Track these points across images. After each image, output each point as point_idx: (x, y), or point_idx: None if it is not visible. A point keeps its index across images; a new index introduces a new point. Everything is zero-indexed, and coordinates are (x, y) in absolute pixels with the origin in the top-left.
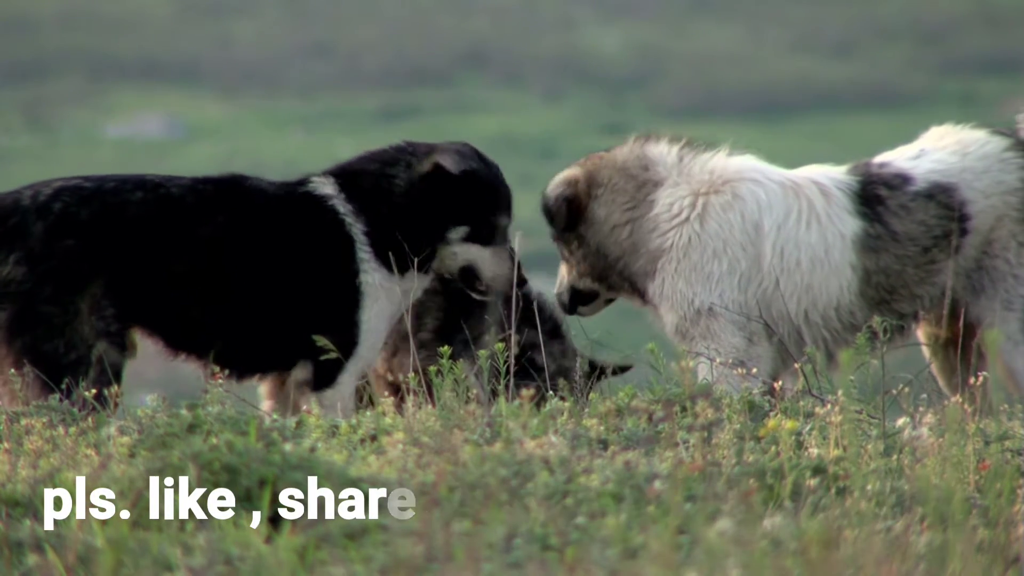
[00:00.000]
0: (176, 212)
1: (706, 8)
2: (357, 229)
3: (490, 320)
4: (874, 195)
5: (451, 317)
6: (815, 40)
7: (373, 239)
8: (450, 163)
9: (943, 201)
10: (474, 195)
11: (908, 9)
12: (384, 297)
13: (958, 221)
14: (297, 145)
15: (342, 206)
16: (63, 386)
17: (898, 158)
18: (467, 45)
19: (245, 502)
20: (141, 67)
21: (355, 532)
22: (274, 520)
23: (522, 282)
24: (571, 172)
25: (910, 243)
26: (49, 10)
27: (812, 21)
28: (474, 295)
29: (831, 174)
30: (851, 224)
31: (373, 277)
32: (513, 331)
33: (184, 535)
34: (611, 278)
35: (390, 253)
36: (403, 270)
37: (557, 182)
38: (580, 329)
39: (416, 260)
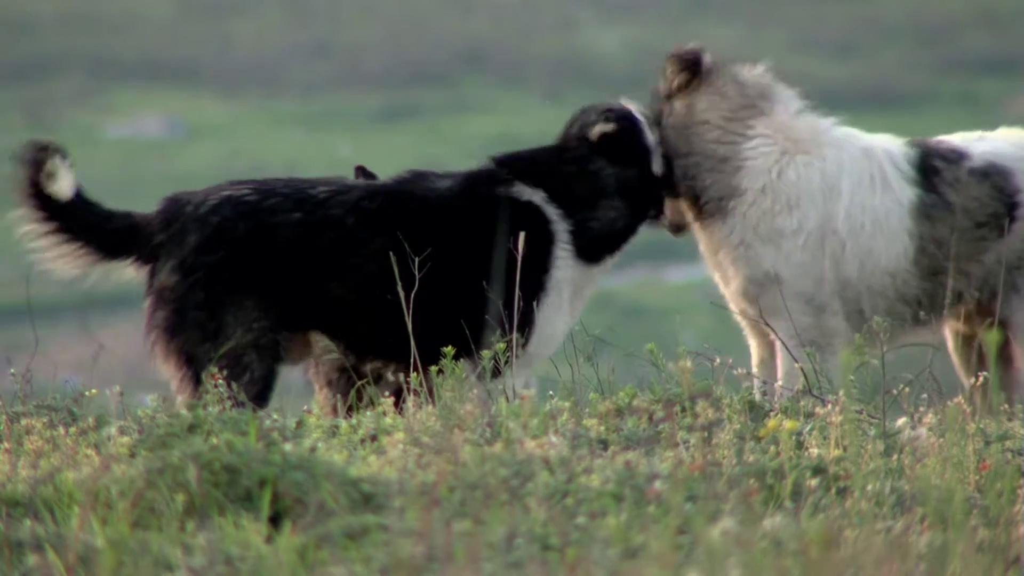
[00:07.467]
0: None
1: (706, 8)
2: (561, 228)
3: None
4: (931, 166)
5: None
6: (815, 40)
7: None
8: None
9: (997, 182)
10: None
11: (908, 9)
12: (569, 290)
13: (1010, 207)
14: (297, 145)
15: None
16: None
17: (956, 139)
18: (467, 45)
19: (245, 502)
20: (141, 67)
21: (355, 532)
22: (274, 520)
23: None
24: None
25: (963, 215)
26: (49, 10)
27: (812, 21)
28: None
29: (894, 144)
30: (909, 192)
31: (565, 273)
32: (514, 332)
33: (184, 535)
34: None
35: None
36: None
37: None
38: (581, 327)
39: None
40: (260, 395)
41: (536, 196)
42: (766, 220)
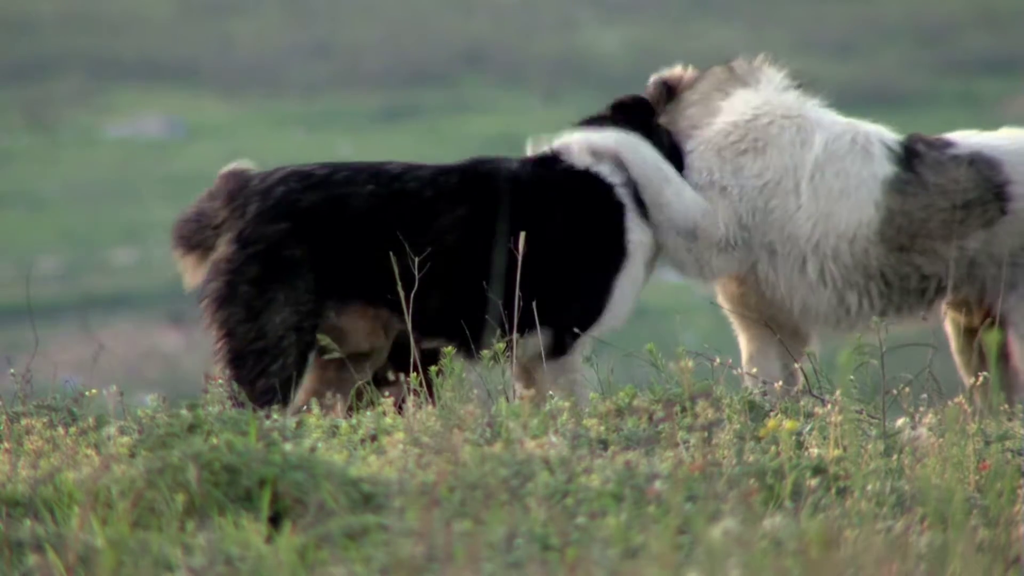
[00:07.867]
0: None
1: (706, 8)
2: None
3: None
4: (913, 149)
5: None
6: (815, 40)
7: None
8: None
9: (983, 170)
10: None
11: (908, 9)
12: (642, 259)
13: (997, 195)
14: (297, 145)
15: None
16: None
17: (952, 134)
18: (467, 45)
19: (245, 502)
20: (141, 67)
21: (355, 532)
22: (274, 520)
23: None
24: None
25: (939, 196)
26: (49, 10)
27: (812, 21)
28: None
29: (883, 130)
30: (887, 166)
31: (638, 236)
32: (515, 333)
33: (184, 535)
34: None
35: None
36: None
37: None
38: None
39: None
40: (293, 380)
41: (600, 167)
42: (729, 150)
